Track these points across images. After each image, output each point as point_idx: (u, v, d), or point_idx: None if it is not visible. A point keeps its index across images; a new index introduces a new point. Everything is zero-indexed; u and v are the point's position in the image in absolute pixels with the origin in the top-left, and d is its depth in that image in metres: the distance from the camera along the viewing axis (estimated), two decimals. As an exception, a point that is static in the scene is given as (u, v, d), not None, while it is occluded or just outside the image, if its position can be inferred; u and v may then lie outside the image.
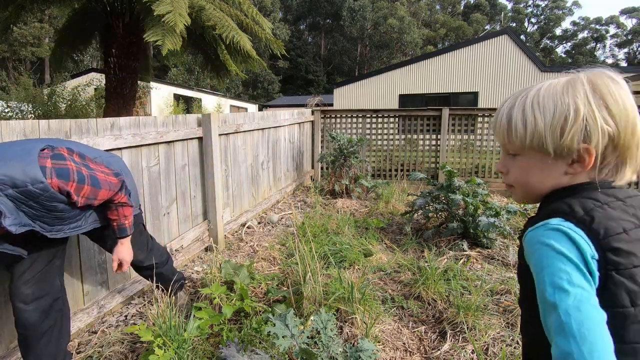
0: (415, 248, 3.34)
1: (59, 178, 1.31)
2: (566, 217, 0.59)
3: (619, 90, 0.62)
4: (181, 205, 2.99)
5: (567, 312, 0.51)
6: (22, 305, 1.50)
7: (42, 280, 1.55)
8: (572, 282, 0.53)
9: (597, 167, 0.62)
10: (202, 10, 6.58)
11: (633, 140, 0.60)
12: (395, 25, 37.26)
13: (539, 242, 0.58)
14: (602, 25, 52.02)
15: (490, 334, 2.02)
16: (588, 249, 0.55)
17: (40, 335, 1.55)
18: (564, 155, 0.63)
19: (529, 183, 0.69)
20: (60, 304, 1.63)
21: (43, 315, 1.54)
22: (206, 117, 3.16)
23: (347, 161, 5.22)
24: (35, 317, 1.52)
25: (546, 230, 0.58)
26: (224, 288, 2.19)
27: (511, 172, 0.72)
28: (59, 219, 1.43)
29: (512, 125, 0.67)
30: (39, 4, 7.09)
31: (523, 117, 0.65)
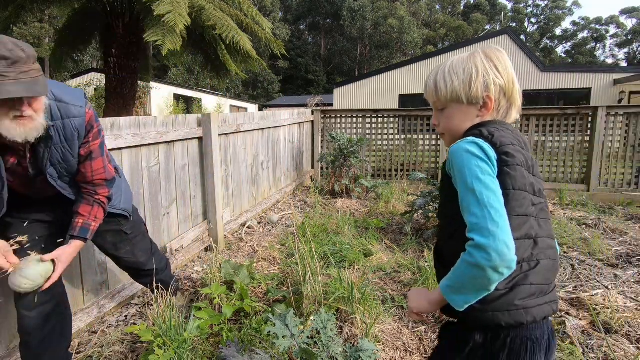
0: (415, 248, 3.34)
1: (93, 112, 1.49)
2: (477, 136, 0.85)
3: (503, 57, 0.91)
4: (181, 205, 2.99)
5: (480, 191, 0.75)
6: (25, 312, 1.50)
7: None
8: (484, 172, 0.77)
9: (497, 109, 0.91)
10: (202, 10, 6.58)
11: (514, 90, 0.91)
12: (395, 25, 37.27)
13: (461, 150, 0.82)
14: (602, 25, 52.03)
15: (490, 334, 2.02)
16: (491, 153, 0.81)
17: (42, 339, 1.55)
18: (474, 103, 0.91)
19: (453, 127, 0.96)
20: (62, 308, 1.63)
21: (45, 320, 1.55)
22: (206, 117, 3.16)
23: (347, 161, 5.22)
24: (37, 322, 1.52)
25: (465, 143, 0.83)
26: (224, 288, 2.19)
27: (441, 123, 0.98)
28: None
29: (438, 87, 0.94)
30: (39, 4, 7.10)
31: (444, 80, 0.93)
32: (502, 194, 0.77)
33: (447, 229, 0.90)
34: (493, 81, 0.88)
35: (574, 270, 2.87)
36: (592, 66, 24.34)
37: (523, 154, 0.84)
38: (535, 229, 0.83)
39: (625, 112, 5.17)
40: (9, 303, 1.71)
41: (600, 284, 2.63)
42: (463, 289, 0.76)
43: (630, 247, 3.38)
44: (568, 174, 5.45)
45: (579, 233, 3.69)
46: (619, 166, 5.23)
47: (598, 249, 3.23)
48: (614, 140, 5.20)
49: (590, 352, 1.90)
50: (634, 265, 2.98)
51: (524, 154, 0.84)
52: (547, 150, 5.54)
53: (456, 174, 0.81)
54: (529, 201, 0.82)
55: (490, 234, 0.70)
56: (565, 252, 3.23)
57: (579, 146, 5.39)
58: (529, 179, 0.83)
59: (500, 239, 0.69)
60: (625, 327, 2.08)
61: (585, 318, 2.17)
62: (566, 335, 2.02)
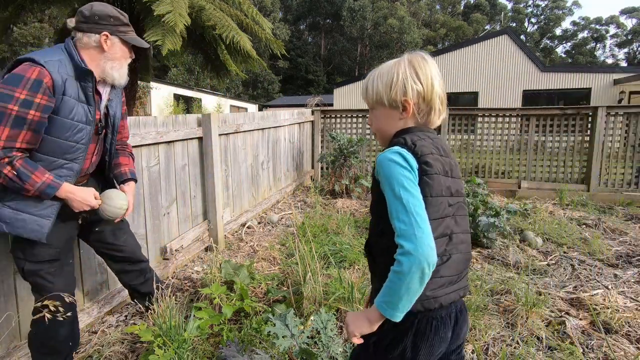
0: (415, 248, 3.34)
1: None
2: (401, 144, 0.92)
3: (425, 64, 0.96)
4: (181, 205, 2.99)
5: (407, 199, 0.82)
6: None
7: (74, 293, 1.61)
8: (408, 181, 0.85)
9: (416, 114, 0.97)
10: (202, 10, 6.58)
11: (433, 95, 0.96)
12: (395, 25, 37.26)
13: (387, 159, 0.89)
14: (602, 25, 52.01)
15: (490, 334, 2.02)
16: (413, 162, 0.88)
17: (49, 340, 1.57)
18: (395, 106, 0.98)
19: (381, 128, 1.04)
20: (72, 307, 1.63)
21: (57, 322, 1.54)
22: (206, 117, 3.16)
23: (347, 161, 5.22)
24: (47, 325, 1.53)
25: (390, 153, 0.90)
26: (224, 288, 2.19)
27: (373, 122, 1.06)
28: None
29: (367, 90, 1.03)
30: (39, 4, 7.09)
31: (372, 83, 1.01)
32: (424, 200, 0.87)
33: (377, 226, 0.97)
34: (411, 86, 0.95)
35: (574, 270, 2.87)
36: (592, 66, 24.34)
37: (441, 161, 0.94)
38: (451, 227, 0.93)
39: (625, 112, 5.17)
40: (9, 303, 1.71)
41: (600, 284, 2.63)
42: (400, 301, 0.81)
43: (630, 247, 3.38)
44: (568, 174, 5.45)
45: (579, 233, 3.69)
46: (619, 166, 5.23)
47: (598, 249, 3.23)
48: (614, 140, 5.20)
49: (590, 352, 1.90)
50: (634, 265, 2.98)
51: (442, 161, 0.94)
52: (547, 150, 5.54)
53: (384, 182, 0.89)
54: (445, 204, 0.92)
55: (417, 239, 0.79)
56: (565, 252, 3.23)
57: (579, 146, 5.39)
58: (445, 184, 0.93)
59: (425, 243, 0.78)
60: (625, 327, 2.08)
61: (585, 318, 2.17)
62: (566, 335, 2.02)
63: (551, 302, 2.34)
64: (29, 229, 1.42)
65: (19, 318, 1.75)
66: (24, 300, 1.77)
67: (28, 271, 1.49)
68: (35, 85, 1.32)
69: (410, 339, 0.90)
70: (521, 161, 5.63)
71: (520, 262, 2.99)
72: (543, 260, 3.06)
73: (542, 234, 3.62)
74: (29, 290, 1.78)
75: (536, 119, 5.54)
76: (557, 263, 3.01)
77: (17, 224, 1.41)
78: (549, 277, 2.75)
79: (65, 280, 1.58)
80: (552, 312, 2.24)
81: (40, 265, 1.50)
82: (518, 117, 5.66)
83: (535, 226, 3.81)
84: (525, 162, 5.62)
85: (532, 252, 3.21)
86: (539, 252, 3.23)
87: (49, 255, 1.51)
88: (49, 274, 1.51)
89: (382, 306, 0.83)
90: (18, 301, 1.74)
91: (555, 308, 2.29)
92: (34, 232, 1.43)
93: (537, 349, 1.92)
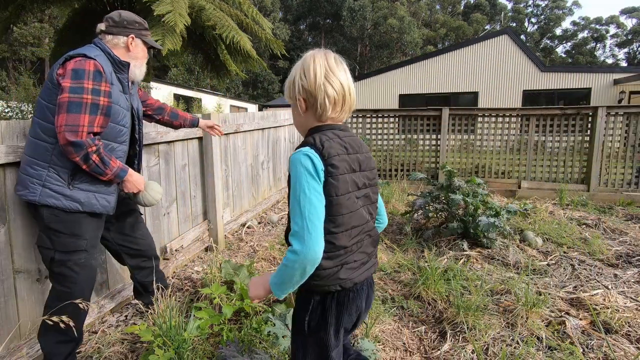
0: (415, 248, 3.34)
1: None
2: (311, 146, 0.99)
3: (314, 64, 1.02)
4: (181, 205, 2.99)
5: (304, 205, 0.92)
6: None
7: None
8: (310, 188, 0.94)
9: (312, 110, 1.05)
10: (202, 10, 6.57)
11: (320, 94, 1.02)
12: (395, 25, 37.24)
13: (297, 161, 0.97)
14: (602, 25, 51.99)
15: (490, 334, 2.02)
16: (320, 165, 0.97)
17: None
18: (294, 103, 1.07)
19: (296, 123, 1.15)
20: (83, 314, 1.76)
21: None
22: (206, 117, 3.16)
23: (347, 161, 5.21)
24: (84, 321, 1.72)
25: (299, 154, 0.98)
26: (224, 288, 2.19)
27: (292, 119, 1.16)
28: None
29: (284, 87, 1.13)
30: (39, 4, 7.09)
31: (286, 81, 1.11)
32: (328, 200, 0.98)
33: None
34: (300, 83, 1.04)
35: (574, 270, 2.87)
36: (592, 66, 24.32)
37: (347, 160, 1.03)
38: (360, 219, 1.07)
39: (625, 112, 5.17)
40: (9, 303, 1.71)
41: (600, 284, 2.63)
42: (283, 284, 0.98)
43: (630, 247, 3.38)
44: (568, 174, 5.45)
45: (579, 233, 3.69)
46: (619, 166, 5.23)
47: (598, 249, 3.23)
48: (614, 140, 5.20)
49: (590, 352, 1.90)
50: (634, 265, 2.98)
51: (348, 160, 1.03)
52: (547, 150, 5.53)
53: (291, 181, 0.99)
54: (353, 199, 1.04)
55: (304, 243, 0.91)
56: (565, 252, 3.23)
57: (579, 146, 5.39)
58: (351, 180, 1.04)
59: (311, 247, 0.91)
60: (625, 327, 2.08)
61: (585, 318, 2.17)
62: (566, 335, 2.02)
63: (551, 302, 2.34)
64: (101, 205, 1.65)
65: (19, 318, 1.75)
66: (24, 300, 1.77)
67: (58, 261, 1.59)
68: (97, 76, 1.53)
69: (334, 309, 1.08)
70: (521, 161, 5.63)
71: (520, 262, 2.99)
72: (543, 260, 3.06)
73: (542, 234, 3.62)
74: (29, 291, 1.78)
75: (536, 119, 5.54)
76: (557, 263, 3.01)
77: (91, 201, 1.62)
78: (549, 277, 2.75)
79: (89, 273, 1.69)
80: (552, 312, 2.24)
81: (69, 256, 1.60)
82: (518, 117, 5.66)
83: (535, 226, 3.81)
84: (525, 162, 5.62)
85: (532, 252, 3.21)
86: (539, 252, 3.23)
87: (78, 246, 1.62)
88: (77, 265, 1.62)
89: (272, 284, 1.01)
90: (18, 301, 1.74)
91: (555, 308, 2.29)
92: (105, 207, 1.67)
93: (537, 349, 1.92)
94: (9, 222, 1.68)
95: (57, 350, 1.62)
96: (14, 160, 1.66)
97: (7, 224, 1.67)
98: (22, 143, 1.69)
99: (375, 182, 1.15)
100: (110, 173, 1.60)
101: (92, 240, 1.69)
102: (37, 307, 1.82)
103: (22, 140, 1.71)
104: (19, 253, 1.72)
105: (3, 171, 1.66)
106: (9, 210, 1.68)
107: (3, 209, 1.65)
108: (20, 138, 1.70)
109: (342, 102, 1.04)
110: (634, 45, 50.21)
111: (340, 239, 1.02)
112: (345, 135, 1.06)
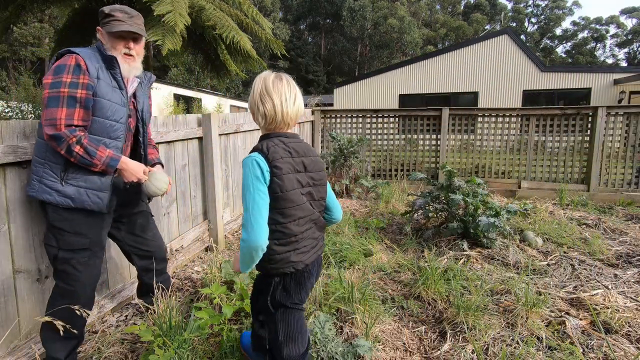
0: (415, 248, 3.34)
1: None
2: (258, 151, 1.21)
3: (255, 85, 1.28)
4: (181, 205, 2.99)
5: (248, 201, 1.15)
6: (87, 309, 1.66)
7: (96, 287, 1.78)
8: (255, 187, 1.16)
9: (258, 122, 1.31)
10: (202, 10, 6.57)
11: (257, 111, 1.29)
12: (395, 25, 37.23)
13: (247, 164, 1.18)
14: (602, 25, 51.98)
15: (490, 334, 2.02)
16: (265, 166, 1.17)
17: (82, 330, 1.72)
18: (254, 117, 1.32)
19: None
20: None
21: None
22: (206, 117, 3.16)
23: (347, 161, 5.22)
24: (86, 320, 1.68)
25: (248, 159, 1.19)
26: (224, 288, 2.19)
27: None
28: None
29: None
30: (39, 4, 7.09)
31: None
32: (274, 196, 1.19)
33: None
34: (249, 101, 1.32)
35: (574, 270, 2.87)
36: (592, 66, 24.31)
37: (291, 162, 1.24)
38: (306, 210, 1.28)
39: (625, 112, 5.17)
40: (9, 303, 1.71)
41: (600, 284, 2.63)
42: (244, 263, 1.22)
43: (630, 247, 3.38)
44: (568, 174, 5.45)
45: (579, 233, 3.69)
46: (619, 166, 5.23)
47: (598, 249, 3.23)
48: (614, 140, 5.20)
49: (590, 352, 1.90)
50: (634, 265, 2.98)
51: (291, 162, 1.24)
52: (547, 150, 5.53)
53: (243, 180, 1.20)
54: (297, 195, 1.25)
55: (249, 233, 1.14)
56: (565, 252, 3.23)
57: (579, 146, 5.39)
58: (295, 179, 1.24)
59: (254, 237, 1.14)
60: (625, 327, 2.08)
61: (585, 318, 2.17)
62: (566, 335, 2.02)
63: (551, 302, 2.34)
64: (92, 202, 1.62)
65: (19, 318, 1.75)
66: (24, 300, 1.77)
67: (61, 259, 1.61)
68: (76, 69, 1.54)
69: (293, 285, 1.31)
70: (521, 161, 5.63)
71: (520, 262, 2.99)
72: (543, 260, 3.06)
73: (542, 234, 3.62)
74: (29, 291, 1.78)
75: (536, 119, 5.54)
76: (557, 263, 3.01)
77: (82, 197, 1.60)
78: (549, 277, 2.75)
79: (92, 271, 1.70)
80: (552, 312, 2.24)
81: (72, 254, 1.62)
82: (518, 117, 5.66)
83: (535, 226, 3.81)
84: (525, 162, 5.62)
85: (532, 252, 3.21)
86: (539, 252, 3.23)
87: (81, 244, 1.63)
88: (80, 264, 1.64)
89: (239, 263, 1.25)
90: (18, 301, 1.74)
91: (555, 308, 2.29)
92: (97, 204, 1.64)
93: (537, 349, 1.92)
94: (8, 222, 1.68)
95: (59, 347, 1.63)
96: (13, 160, 1.66)
97: (7, 224, 1.67)
98: (22, 143, 1.69)
99: (321, 183, 1.35)
100: (99, 163, 1.58)
101: (95, 239, 1.69)
102: (37, 307, 1.82)
103: (22, 140, 1.71)
104: (18, 253, 1.72)
105: (3, 171, 1.66)
106: (9, 210, 1.68)
107: (2, 209, 1.65)
108: (21, 138, 1.70)
109: (275, 118, 1.26)
110: (634, 45, 50.19)
111: (289, 228, 1.24)
112: (290, 142, 1.27)
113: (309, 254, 1.31)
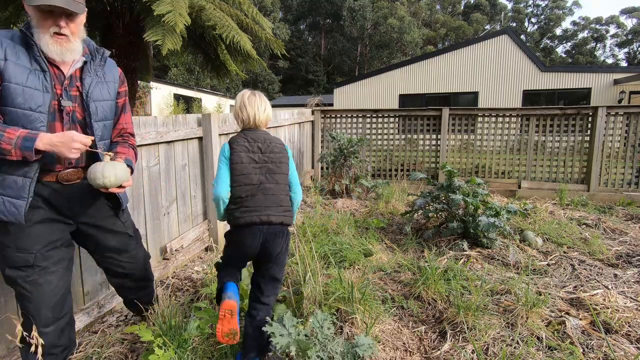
0: (415, 248, 3.34)
1: None
2: (229, 141, 1.79)
3: (237, 99, 1.88)
4: (181, 205, 2.99)
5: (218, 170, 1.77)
6: (43, 329, 1.47)
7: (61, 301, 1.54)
8: (221, 160, 1.76)
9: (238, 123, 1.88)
10: (202, 10, 6.57)
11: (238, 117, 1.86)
12: (395, 25, 37.23)
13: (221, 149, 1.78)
14: (602, 25, 51.96)
15: (490, 334, 2.02)
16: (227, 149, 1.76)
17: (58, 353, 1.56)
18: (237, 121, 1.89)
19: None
20: (71, 318, 1.64)
21: (60, 333, 1.54)
22: (206, 116, 3.16)
23: (347, 161, 5.22)
24: (54, 337, 1.51)
25: (223, 146, 1.78)
26: (224, 288, 2.19)
27: None
28: None
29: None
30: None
31: None
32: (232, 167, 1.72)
33: None
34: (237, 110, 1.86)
35: (574, 270, 2.87)
36: (592, 66, 24.32)
37: (246, 145, 1.75)
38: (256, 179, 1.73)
39: (625, 112, 5.17)
40: (9, 303, 1.71)
41: (600, 284, 2.63)
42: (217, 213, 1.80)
43: (630, 247, 3.38)
44: (568, 174, 5.45)
45: (579, 233, 3.69)
46: (619, 166, 5.23)
47: (598, 249, 3.23)
48: (614, 140, 5.20)
49: (590, 352, 1.90)
50: (634, 265, 2.98)
51: (247, 145, 1.75)
52: (547, 150, 5.54)
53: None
54: (248, 167, 1.72)
55: (214, 189, 1.73)
56: (565, 252, 3.23)
57: (579, 146, 5.39)
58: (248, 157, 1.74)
59: (217, 191, 1.72)
60: (625, 327, 2.08)
61: (585, 318, 2.17)
62: (566, 335, 2.02)
63: (551, 302, 2.34)
64: (8, 211, 1.36)
65: (19, 318, 1.75)
66: (24, 300, 1.76)
67: (7, 277, 1.43)
68: None
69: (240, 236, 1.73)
70: (521, 161, 5.63)
71: (520, 262, 2.99)
72: (543, 260, 3.06)
73: (542, 234, 3.62)
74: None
75: (536, 119, 5.54)
76: (557, 263, 3.01)
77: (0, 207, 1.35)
78: (549, 277, 2.75)
79: (45, 289, 1.45)
80: (552, 312, 2.24)
81: (16, 272, 1.42)
82: (518, 117, 5.66)
83: (535, 226, 3.81)
84: (525, 162, 5.62)
85: (532, 252, 3.21)
86: (539, 252, 3.23)
87: (23, 261, 1.41)
88: (26, 283, 1.42)
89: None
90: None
91: (555, 308, 2.29)
92: (12, 214, 1.37)
93: (537, 349, 1.92)
94: None
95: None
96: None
97: None
98: None
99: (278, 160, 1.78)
100: (9, 147, 1.29)
101: (42, 254, 1.45)
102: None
103: None
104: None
105: None
106: None
107: None
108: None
109: (249, 122, 1.82)
110: (634, 45, 50.18)
111: (237, 191, 1.71)
112: (251, 134, 1.80)
113: (252, 214, 1.68)
